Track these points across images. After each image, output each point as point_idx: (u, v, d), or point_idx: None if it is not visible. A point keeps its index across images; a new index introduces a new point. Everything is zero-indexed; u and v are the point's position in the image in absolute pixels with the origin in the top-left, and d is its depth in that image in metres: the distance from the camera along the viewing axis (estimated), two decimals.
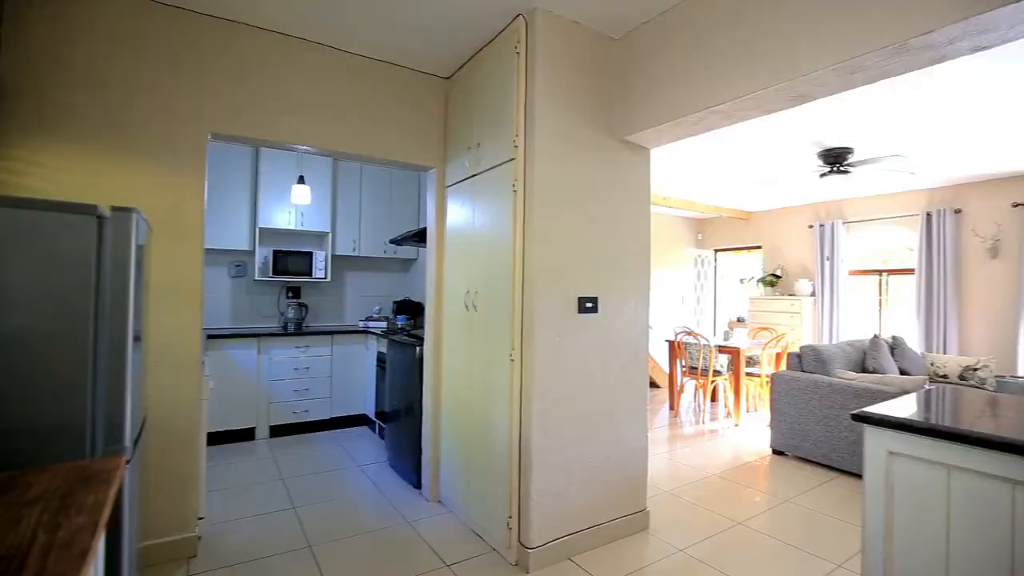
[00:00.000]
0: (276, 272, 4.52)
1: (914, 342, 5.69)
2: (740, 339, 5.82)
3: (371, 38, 2.68)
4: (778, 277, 7.01)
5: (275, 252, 4.52)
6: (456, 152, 2.97)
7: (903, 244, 6.01)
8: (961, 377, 4.92)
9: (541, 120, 2.37)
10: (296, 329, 4.57)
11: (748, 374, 5.35)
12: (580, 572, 2.31)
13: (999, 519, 1.16)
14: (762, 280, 7.15)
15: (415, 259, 5.37)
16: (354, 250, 4.95)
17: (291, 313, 4.67)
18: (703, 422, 5.07)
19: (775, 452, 4.09)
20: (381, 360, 4.14)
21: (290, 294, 4.80)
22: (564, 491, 2.42)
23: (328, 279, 4.80)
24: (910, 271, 5.91)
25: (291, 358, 4.33)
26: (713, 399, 5.81)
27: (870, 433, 1.40)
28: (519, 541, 2.36)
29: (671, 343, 5.52)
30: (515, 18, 2.44)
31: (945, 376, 5.01)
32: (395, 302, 5.08)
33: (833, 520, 2.90)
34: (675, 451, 4.16)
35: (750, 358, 5.47)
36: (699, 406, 5.61)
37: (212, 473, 3.32)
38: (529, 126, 2.38)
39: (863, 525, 1.40)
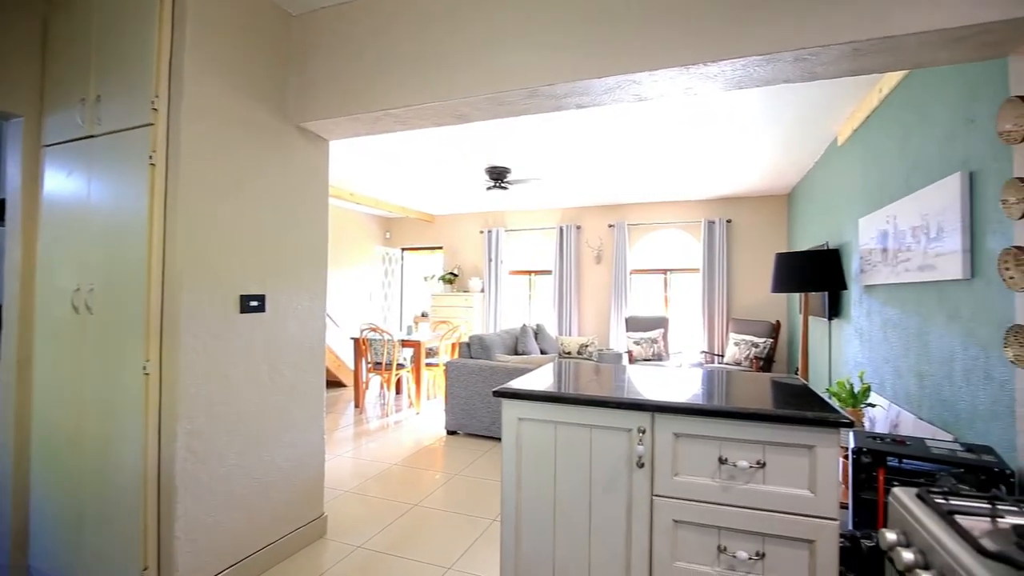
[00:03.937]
0: None
1: (552, 327, 7.27)
2: (423, 333, 6.29)
3: None
4: (455, 275, 7.88)
5: None
6: (62, 101, 2.21)
7: (546, 250, 7.59)
8: (579, 352, 6.56)
9: (193, 83, 1.97)
10: None
11: (428, 364, 5.81)
12: None
13: (582, 454, 1.58)
14: (443, 278, 7.92)
15: None
16: None
17: None
18: (388, 415, 5.25)
19: (449, 432, 4.56)
20: None
21: None
22: (223, 518, 2.09)
23: None
24: (548, 272, 7.53)
25: None
26: (398, 391, 6.10)
27: (505, 405, 1.69)
28: None
29: (356, 341, 5.51)
30: None
31: (569, 352, 6.58)
32: None
33: (492, 483, 3.41)
34: (360, 448, 4.16)
35: (430, 349, 5.95)
36: (384, 400, 5.79)
37: None
38: (176, 88, 1.95)
39: (502, 481, 1.67)
